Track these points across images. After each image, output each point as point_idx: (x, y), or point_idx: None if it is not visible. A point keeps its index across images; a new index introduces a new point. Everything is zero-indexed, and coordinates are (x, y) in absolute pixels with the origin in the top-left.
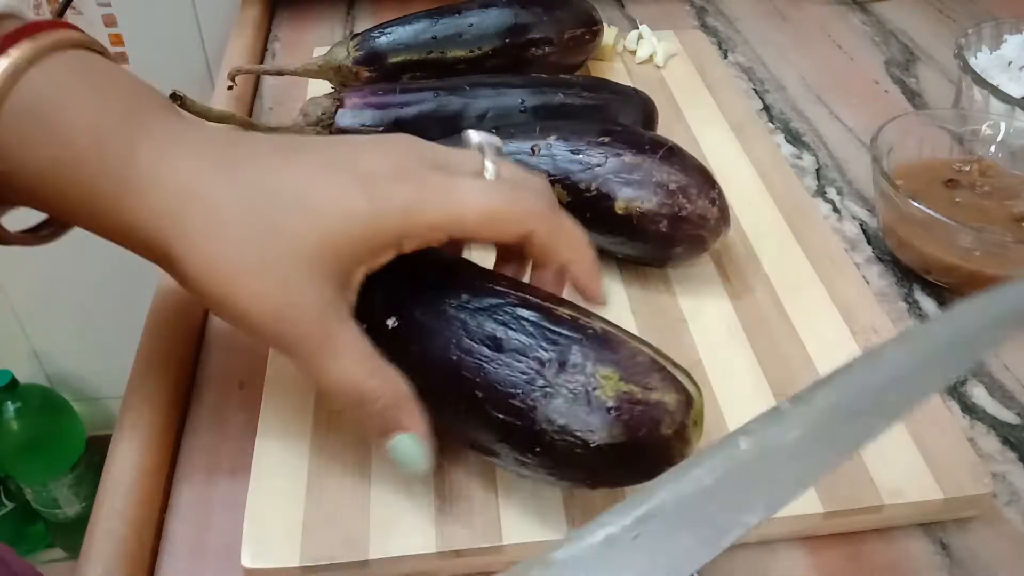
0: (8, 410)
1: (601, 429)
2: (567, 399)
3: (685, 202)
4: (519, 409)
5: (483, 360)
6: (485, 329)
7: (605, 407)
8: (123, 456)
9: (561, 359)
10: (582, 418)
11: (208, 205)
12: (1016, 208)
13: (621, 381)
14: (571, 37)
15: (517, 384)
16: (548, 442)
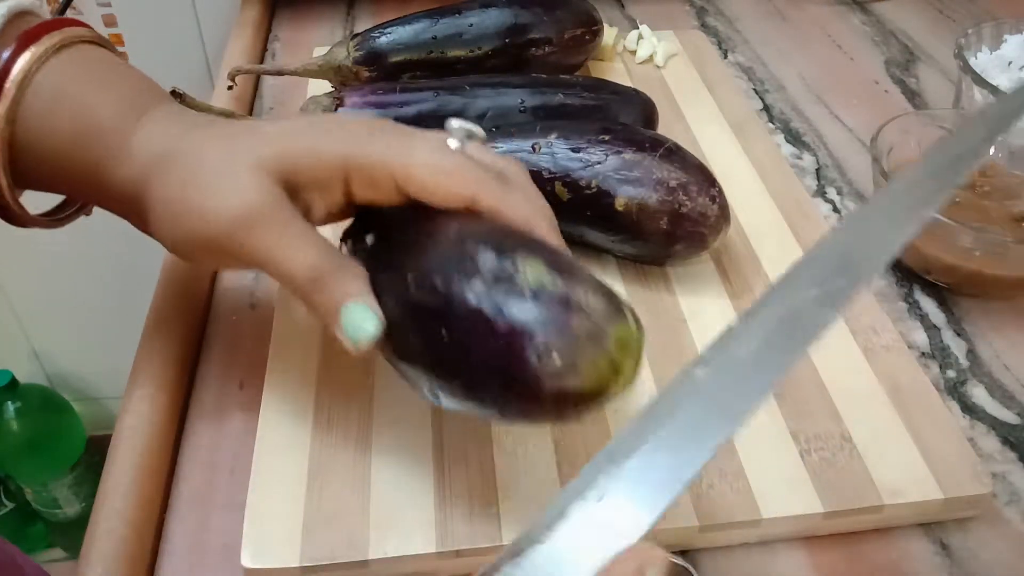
0: (8, 410)
1: (511, 312)
2: (486, 280)
3: (685, 199)
4: (436, 291)
5: (423, 251)
6: (430, 229)
7: (519, 290)
8: (123, 456)
9: (495, 248)
10: (494, 299)
11: (177, 151)
12: (1016, 208)
13: (546, 271)
14: (571, 37)
15: (444, 265)
16: (461, 327)
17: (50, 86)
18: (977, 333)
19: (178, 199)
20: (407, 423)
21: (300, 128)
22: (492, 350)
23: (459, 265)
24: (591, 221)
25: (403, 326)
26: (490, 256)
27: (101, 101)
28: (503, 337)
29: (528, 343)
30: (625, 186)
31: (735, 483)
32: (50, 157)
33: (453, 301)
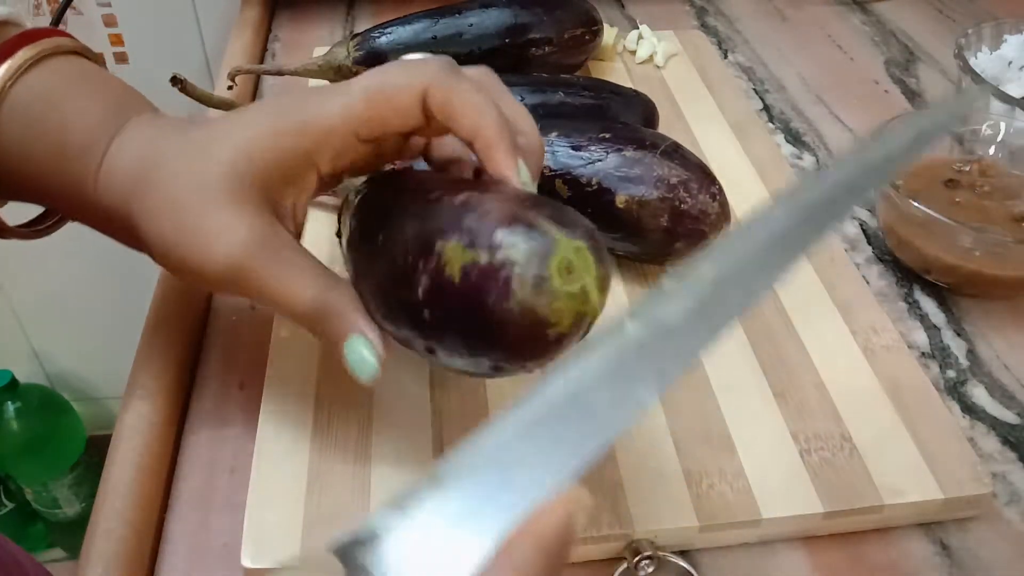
0: (8, 410)
1: (457, 318)
2: (425, 287)
3: (686, 196)
4: (408, 300)
5: (372, 259)
6: (382, 221)
7: (453, 286)
8: (123, 456)
9: (416, 247)
10: (441, 309)
11: (154, 167)
12: (1016, 208)
13: (466, 249)
14: (571, 37)
15: (398, 279)
16: (432, 332)
17: (27, 100)
18: (977, 333)
19: (169, 242)
20: (407, 423)
21: (255, 125)
22: (462, 345)
23: (404, 272)
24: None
25: (388, 293)
26: (420, 256)
27: (79, 116)
28: (466, 335)
29: (485, 330)
30: (626, 184)
31: (735, 483)
32: (29, 173)
33: (418, 310)
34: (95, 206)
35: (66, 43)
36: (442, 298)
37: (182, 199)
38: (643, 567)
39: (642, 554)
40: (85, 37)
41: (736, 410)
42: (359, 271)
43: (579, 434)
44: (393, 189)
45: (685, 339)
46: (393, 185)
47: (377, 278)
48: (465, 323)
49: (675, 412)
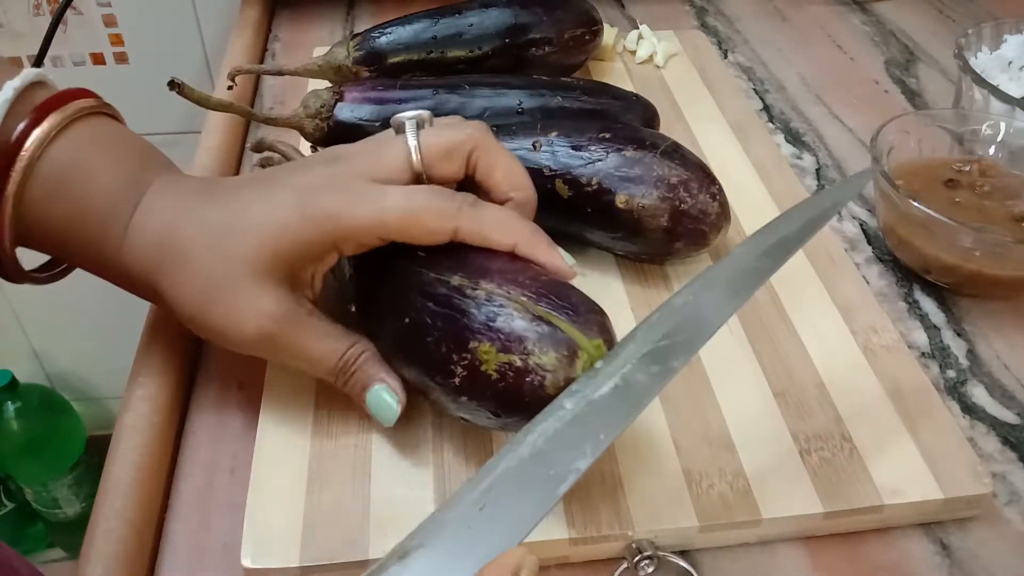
0: (8, 410)
1: (492, 402)
2: (462, 379)
3: (686, 196)
4: (439, 385)
5: (407, 341)
6: (400, 314)
7: (490, 380)
8: (123, 456)
9: (448, 340)
10: (477, 394)
11: (179, 240)
12: (1016, 208)
13: (500, 353)
14: (571, 37)
15: (429, 365)
16: (465, 405)
17: (53, 170)
18: (977, 333)
19: (198, 313)
20: (407, 423)
21: (284, 208)
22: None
23: (433, 366)
24: (591, 219)
25: (419, 366)
26: (452, 351)
27: (101, 185)
28: (499, 422)
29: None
30: (626, 183)
31: (735, 483)
32: (52, 235)
33: (448, 400)
34: (117, 269)
35: (90, 105)
36: (479, 387)
37: (211, 276)
38: (643, 567)
39: (642, 554)
40: (85, 37)
41: (736, 410)
42: (375, 331)
43: (525, 503)
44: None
45: (613, 412)
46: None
47: (406, 351)
48: (500, 405)
49: (675, 412)
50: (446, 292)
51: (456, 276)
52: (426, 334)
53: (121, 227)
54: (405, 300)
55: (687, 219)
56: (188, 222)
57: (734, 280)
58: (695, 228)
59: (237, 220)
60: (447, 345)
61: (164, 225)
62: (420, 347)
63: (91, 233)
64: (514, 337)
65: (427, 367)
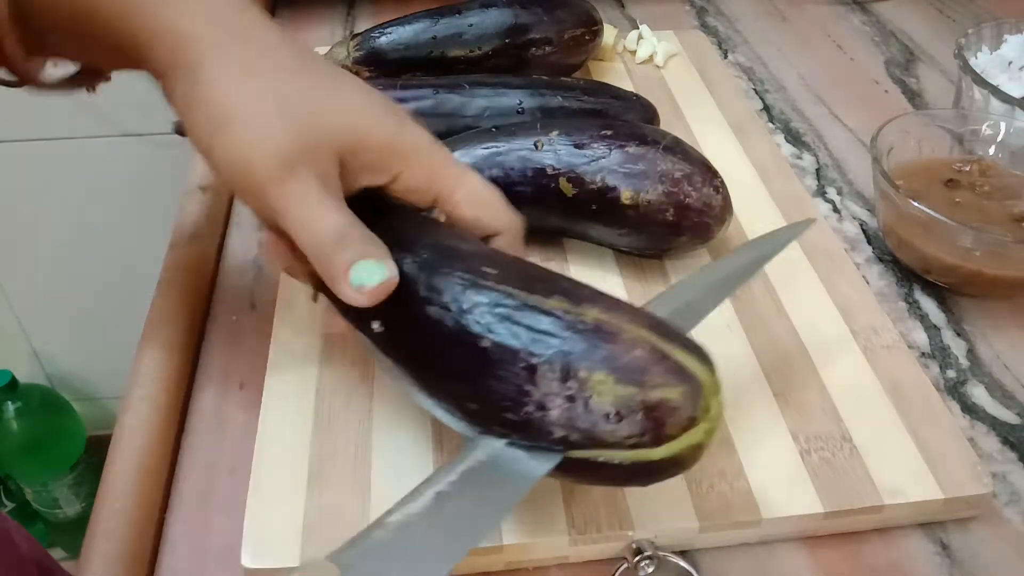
0: (8, 410)
1: (602, 437)
2: (562, 410)
3: (690, 190)
4: (515, 422)
5: (470, 371)
6: (469, 335)
7: (604, 415)
8: (123, 456)
9: (550, 366)
10: (581, 428)
11: (246, 55)
12: (1016, 208)
13: (618, 384)
14: (571, 37)
15: (508, 396)
16: (558, 444)
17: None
18: (977, 333)
19: (229, 103)
20: (407, 423)
21: (375, 109)
22: (592, 469)
23: (521, 395)
24: (596, 215)
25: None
26: (551, 380)
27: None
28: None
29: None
30: (630, 180)
31: (735, 483)
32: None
33: (536, 435)
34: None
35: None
36: (584, 424)
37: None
38: (643, 567)
39: (642, 554)
40: None
41: (736, 410)
42: (421, 353)
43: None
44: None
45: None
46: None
47: (476, 380)
48: (602, 448)
49: None
50: (543, 316)
51: (553, 299)
52: (516, 361)
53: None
54: (486, 318)
55: (692, 212)
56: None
57: (681, 311)
58: (700, 221)
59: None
60: (552, 373)
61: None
62: (504, 377)
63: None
64: (635, 368)
65: (513, 399)
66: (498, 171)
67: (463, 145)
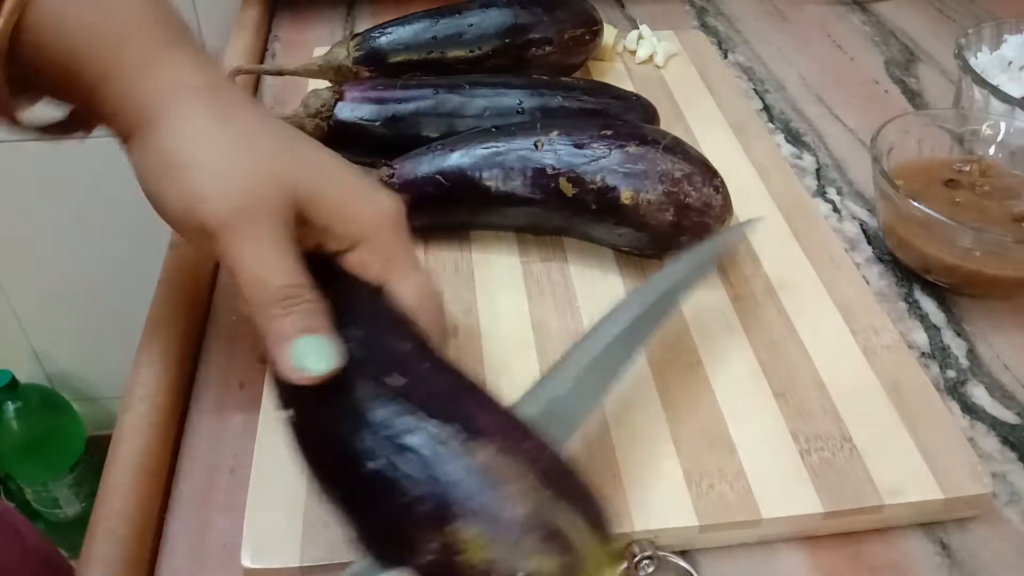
0: (8, 410)
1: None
2: (430, 561)
3: (691, 189)
4: (388, 558)
5: (353, 489)
6: (357, 453)
7: (465, 572)
8: (123, 456)
9: (426, 507)
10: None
11: (209, 108)
12: (1016, 208)
13: (490, 545)
14: (571, 37)
15: (384, 529)
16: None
17: (42, 20)
18: (977, 333)
19: (186, 151)
20: None
21: (341, 167)
22: None
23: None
24: (596, 215)
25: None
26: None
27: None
28: None
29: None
30: (630, 179)
31: (735, 483)
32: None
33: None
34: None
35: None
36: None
37: (220, 149)
38: (643, 567)
39: (642, 554)
40: None
41: (736, 410)
42: (311, 458)
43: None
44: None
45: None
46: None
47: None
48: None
49: (675, 412)
50: (431, 441)
51: (451, 426)
52: (397, 493)
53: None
54: (372, 439)
55: (692, 212)
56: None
57: (634, 323)
58: (700, 221)
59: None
60: (423, 515)
61: (202, 86)
62: (383, 509)
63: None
64: (510, 532)
65: (386, 533)
66: (498, 171)
67: (463, 145)
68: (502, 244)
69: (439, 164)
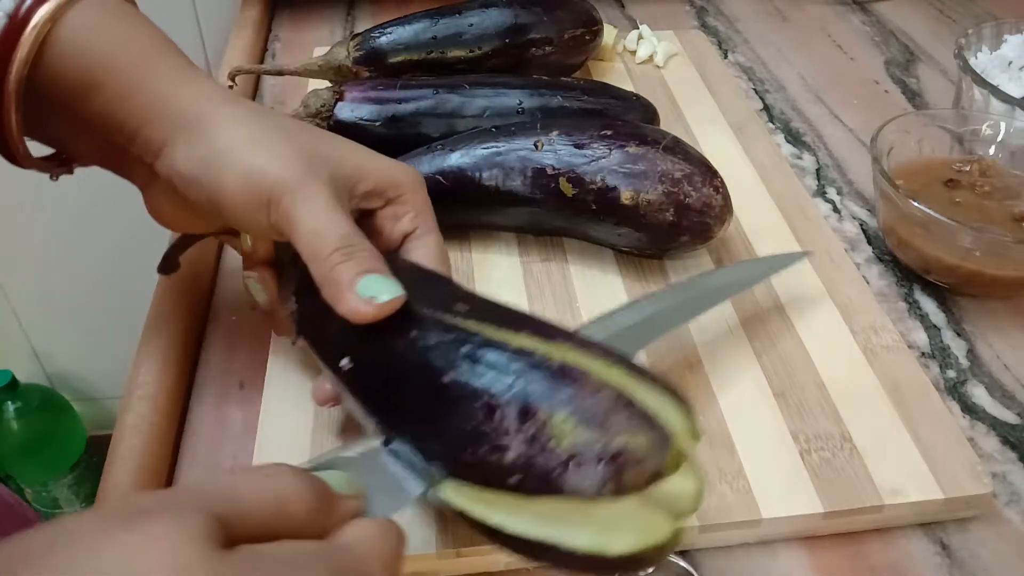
0: (8, 410)
1: (558, 485)
2: (519, 453)
3: (690, 190)
4: (470, 464)
5: (431, 408)
6: (432, 371)
7: (562, 460)
8: (123, 456)
9: (510, 405)
10: (538, 474)
11: (248, 108)
12: (1016, 208)
13: (579, 427)
14: (571, 37)
15: (466, 436)
16: (507, 491)
17: (71, 34)
18: (977, 333)
19: (224, 147)
20: None
21: (371, 151)
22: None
23: (477, 436)
24: (596, 215)
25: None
26: (510, 420)
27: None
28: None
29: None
30: (630, 180)
31: (735, 483)
32: (68, 99)
33: (491, 478)
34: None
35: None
36: (538, 468)
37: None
38: None
39: None
40: None
41: (736, 410)
42: (381, 399)
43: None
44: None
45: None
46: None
47: (431, 417)
48: (559, 494)
49: None
50: (506, 354)
51: (520, 336)
52: (475, 399)
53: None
54: (449, 353)
55: (692, 212)
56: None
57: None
58: (700, 221)
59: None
60: (511, 412)
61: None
62: (463, 416)
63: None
64: (600, 409)
65: (472, 440)
66: (498, 171)
67: (463, 145)
68: (502, 244)
69: (439, 164)
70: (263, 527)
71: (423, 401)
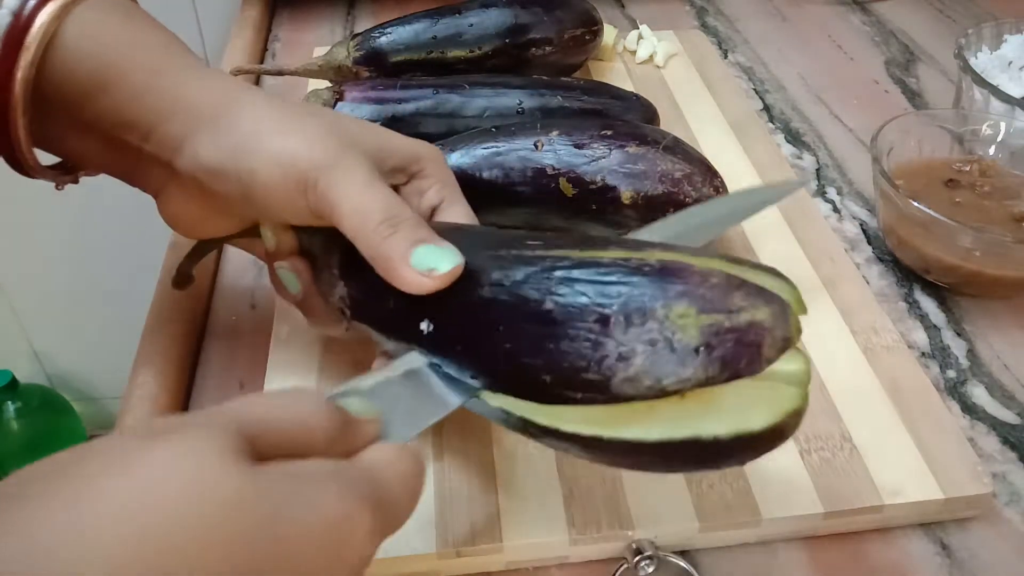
0: (8, 410)
1: (696, 375)
2: (646, 355)
3: (690, 190)
4: (595, 382)
5: (538, 341)
6: (530, 304)
7: (692, 349)
8: None
9: (625, 312)
10: (670, 370)
11: (268, 96)
12: (1016, 208)
13: (701, 314)
14: (571, 37)
15: (584, 356)
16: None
17: (77, 34)
18: (977, 333)
19: (251, 132)
20: None
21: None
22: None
23: (597, 349)
24: (596, 215)
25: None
26: (628, 327)
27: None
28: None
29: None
30: (630, 179)
31: (735, 483)
32: (77, 101)
33: (621, 391)
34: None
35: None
36: (672, 365)
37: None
38: (643, 567)
39: (642, 554)
40: None
41: None
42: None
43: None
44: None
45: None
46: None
47: (541, 347)
48: (701, 384)
49: None
50: (603, 268)
51: (609, 250)
52: (586, 317)
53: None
54: (543, 283)
55: None
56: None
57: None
58: None
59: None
60: (627, 317)
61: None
62: (576, 336)
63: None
64: (716, 293)
65: (584, 356)
66: (498, 171)
67: (463, 145)
68: None
69: None
70: (288, 445)
71: (528, 336)
